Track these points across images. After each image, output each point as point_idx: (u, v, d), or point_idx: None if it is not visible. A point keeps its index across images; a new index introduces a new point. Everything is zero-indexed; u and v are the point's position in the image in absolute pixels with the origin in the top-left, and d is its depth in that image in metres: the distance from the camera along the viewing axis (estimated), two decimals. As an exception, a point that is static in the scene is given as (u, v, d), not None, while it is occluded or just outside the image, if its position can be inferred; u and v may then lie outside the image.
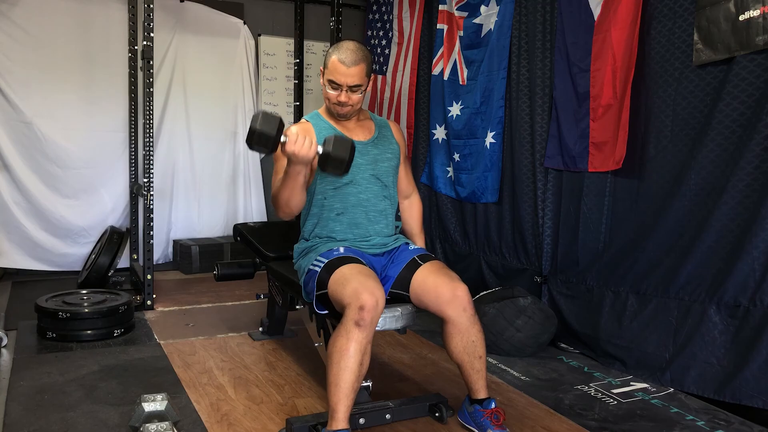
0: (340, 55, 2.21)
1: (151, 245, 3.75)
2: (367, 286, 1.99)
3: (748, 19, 2.35)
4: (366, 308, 1.94)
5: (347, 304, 1.99)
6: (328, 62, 2.25)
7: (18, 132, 4.38)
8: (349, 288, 2.00)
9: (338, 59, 2.21)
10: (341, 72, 2.20)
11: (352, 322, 1.95)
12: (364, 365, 1.98)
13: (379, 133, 2.43)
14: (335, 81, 2.22)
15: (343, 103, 2.26)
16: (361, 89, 2.26)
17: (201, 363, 2.88)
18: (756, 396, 2.37)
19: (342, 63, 2.20)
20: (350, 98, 2.25)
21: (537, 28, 3.45)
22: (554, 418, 2.39)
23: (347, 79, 2.21)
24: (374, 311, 1.96)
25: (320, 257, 2.21)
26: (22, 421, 2.25)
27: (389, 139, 2.45)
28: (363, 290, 1.97)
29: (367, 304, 1.94)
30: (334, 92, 2.25)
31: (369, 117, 2.47)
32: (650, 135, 2.83)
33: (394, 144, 2.46)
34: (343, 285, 2.04)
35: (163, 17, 4.70)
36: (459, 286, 2.15)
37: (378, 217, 2.37)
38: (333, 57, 2.22)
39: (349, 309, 1.97)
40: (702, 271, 2.61)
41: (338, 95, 2.24)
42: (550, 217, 3.39)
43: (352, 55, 2.21)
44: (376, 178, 2.36)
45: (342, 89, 2.23)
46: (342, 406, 1.94)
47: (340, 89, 2.24)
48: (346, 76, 2.21)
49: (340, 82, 2.22)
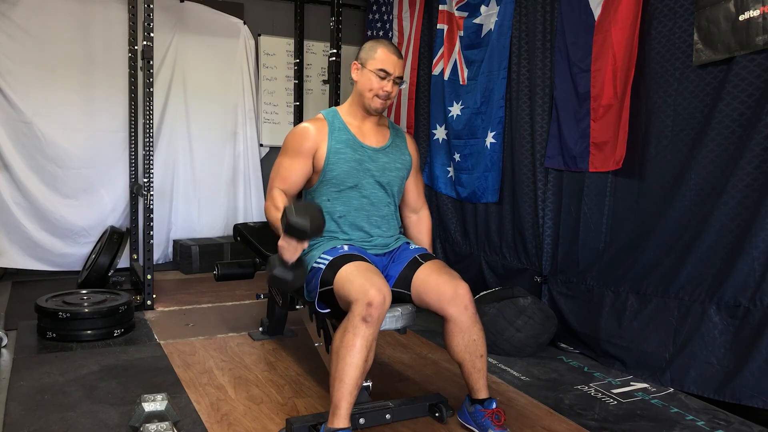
0: (388, 47, 2.32)
1: (151, 245, 3.75)
2: (374, 283, 2.00)
3: (747, 19, 2.35)
4: (374, 304, 1.95)
5: (355, 300, 1.99)
6: (375, 54, 2.30)
7: (18, 132, 4.38)
8: (357, 284, 2.01)
9: (388, 50, 2.31)
10: (392, 62, 2.29)
11: (360, 318, 1.95)
12: (368, 362, 1.98)
13: (393, 142, 2.43)
14: (386, 69, 2.29)
15: (388, 93, 2.31)
16: (401, 83, 2.36)
17: (201, 363, 2.88)
18: (756, 396, 2.37)
19: (393, 53, 2.30)
20: (393, 89, 2.32)
21: (537, 28, 3.46)
22: (554, 418, 2.39)
23: (397, 69, 2.30)
24: (381, 308, 1.97)
25: (324, 255, 2.21)
26: (22, 421, 2.25)
27: (402, 149, 2.45)
28: (371, 286, 1.98)
29: (375, 300, 1.95)
30: (383, 81, 2.29)
31: (387, 125, 2.48)
32: (651, 135, 2.83)
33: (406, 155, 2.46)
34: (350, 282, 2.04)
35: (163, 17, 4.70)
36: (460, 285, 2.15)
37: (380, 221, 2.37)
38: (380, 49, 2.30)
39: (357, 305, 1.97)
40: (702, 271, 2.61)
41: (386, 84, 2.30)
42: (550, 217, 3.39)
43: (397, 49, 2.35)
44: (381, 186, 2.36)
45: (391, 78, 2.29)
46: (345, 402, 1.94)
47: (389, 78, 2.29)
48: (396, 66, 2.30)
49: (390, 71, 2.29)
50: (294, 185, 2.32)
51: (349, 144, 2.31)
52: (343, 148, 2.29)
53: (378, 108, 2.33)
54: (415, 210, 2.60)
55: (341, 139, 2.31)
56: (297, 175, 2.31)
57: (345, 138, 2.31)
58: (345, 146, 2.30)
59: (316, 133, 2.30)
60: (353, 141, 2.32)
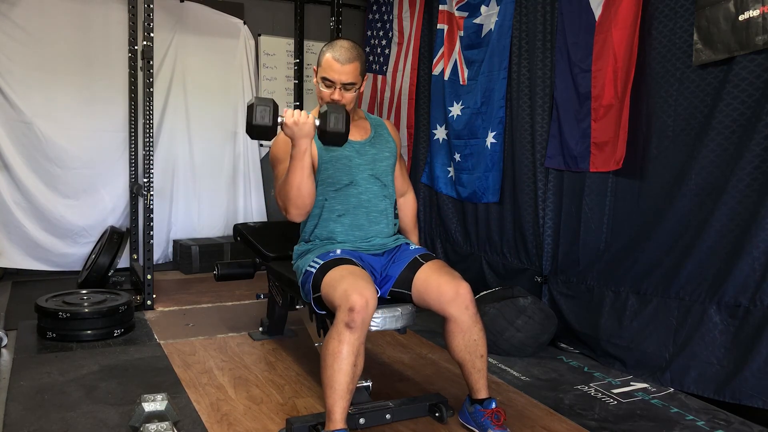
0: (334, 53, 2.21)
1: (151, 245, 3.75)
2: (356, 287, 1.97)
3: (747, 19, 2.35)
4: (356, 309, 1.93)
5: (338, 306, 1.98)
6: (321, 60, 2.24)
7: (18, 132, 4.38)
8: (339, 289, 2.00)
9: (332, 57, 2.20)
10: (335, 69, 2.19)
11: (343, 324, 1.95)
12: (358, 366, 1.97)
13: (376, 132, 2.43)
14: (329, 78, 2.21)
15: (336, 102, 2.23)
16: (354, 88, 2.25)
17: (201, 363, 2.88)
18: (756, 396, 2.37)
19: (336, 60, 2.19)
20: (344, 96, 2.22)
21: (537, 28, 3.46)
22: (554, 418, 2.38)
23: (341, 77, 2.20)
24: (364, 312, 1.95)
25: (317, 258, 2.21)
26: (22, 421, 2.25)
27: (386, 137, 2.45)
28: (352, 291, 1.96)
29: (356, 305, 1.93)
30: (327, 90, 2.23)
31: (364, 117, 2.46)
32: (652, 135, 2.83)
33: (391, 142, 2.46)
34: (333, 287, 2.04)
35: (163, 17, 4.70)
36: (461, 285, 2.15)
37: (379, 217, 2.37)
38: (327, 55, 2.22)
39: (340, 311, 1.97)
40: (702, 271, 2.61)
41: (331, 93, 2.22)
42: (550, 217, 3.40)
43: (346, 53, 2.20)
44: (376, 178, 2.36)
45: (335, 87, 2.21)
46: (338, 407, 1.94)
47: (333, 87, 2.22)
48: (339, 74, 2.19)
49: (333, 80, 2.20)
50: None
51: None
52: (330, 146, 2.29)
53: None
54: (402, 193, 2.61)
55: None
56: None
57: None
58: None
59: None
60: None
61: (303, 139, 2.03)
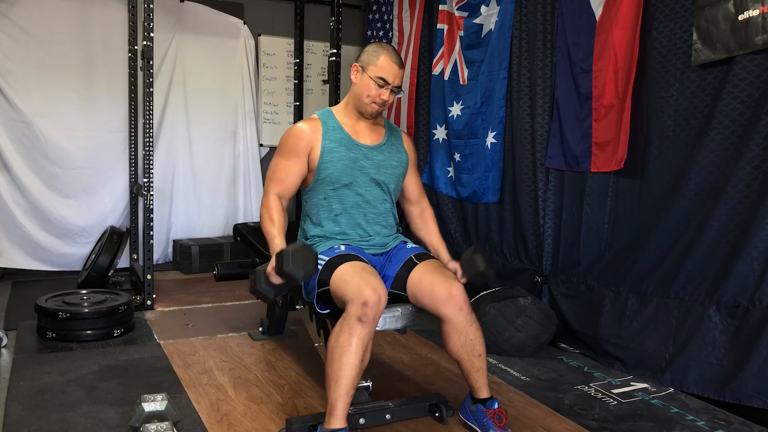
0: (391, 55, 2.29)
1: (151, 245, 3.75)
2: (369, 282, 2.00)
3: (747, 19, 2.35)
4: (369, 304, 1.95)
5: (350, 300, 1.99)
6: (376, 60, 2.28)
7: (18, 132, 4.38)
8: (352, 284, 2.01)
9: (390, 59, 2.28)
10: (393, 71, 2.27)
11: (355, 318, 1.96)
12: (364, 362, 1.98)
13: (388, 140, 2.43)
14: (386, 78, 2.27)
15: (384, 102, 2.31)
16: (399, 91, 2.34)
17: (201, 363, 2.88)
18: (756, 396, 2.37)
19: (394, 63, 2.28)
20: (390, 98, 2.32)
21: (537, 28, 3.46)
22: (554, 418, 2.38)
23: (396, 79, 2.28)
24: (377, 307, 1.97)
25: (322, 255, 2.21)
26: (22, 421, 2.25)
27: (398, 147, 2.45)
28: (366, 286, 1.98)
29: (370, 300, 1.95)
30: (381, 89, 2.28)
31: (382, 123, 2.48)
32: (652, 135, 2.83)
33: (402, 153, 2.45)
34: (345, 281, 2.04)
35: (163, 17, 4.70)
36: (454, 285, 2.15)
37: (377, 218, 2.37)
38: (383, 56, 2.28)
39: (352, 305, 1.97)
40: (702, 271, 2.61)
41: (383, 93, 2.29)
42: (551, 217, 3.40)
43: (400, 59, 2.32)
44: (377, 183, 2.36)
45: (389, 87, 2.28)
46: (341, 403, 1.94)
47: (387, 87, 2.28)
48: (395, 76, 2.28)
49: (390, 80, 2.27)
50: (290, 188, 2.32)
51: (343, 143, 2.31)
52: (337, 147, 2.29)
53: (373, 114, 2.34)
54: (417, 203, 2.60)
55: (335, 138, 2.31)
56: (293, 177, 2.31)
57: (339, 137, 2.31)
58: (339, 145, 2.30)
59: (311, 133, 2.30)
60: (347, 140, 2.32)
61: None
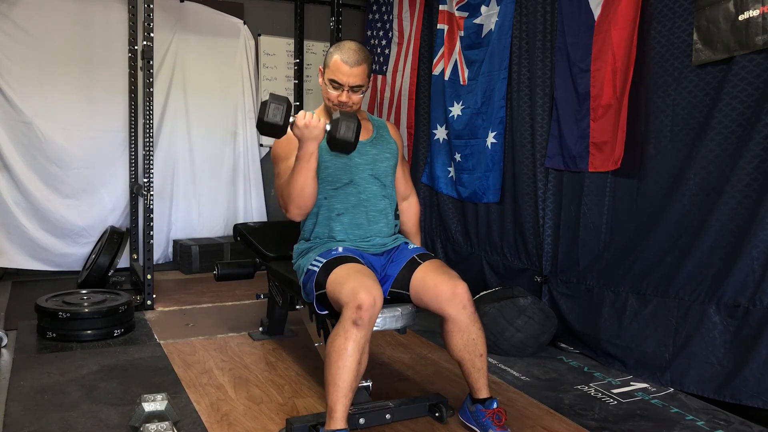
0: (343, 55, 2.21)
1: (151, 245, 3.75)
2: (364, 285, 1.99)
3: (747, 19, 2.35)
4: (364, 307, 1.94)
5: (345, 303, 1.99)
6: (329, 62, 2.25)
7: (18, 132, 4.38)
8: (347, 287, 2.00)
9: (341, 59, 2.21)
10: (344, 72, 2.21)
11: (350, 321, 1.95)
12: (362, 364, 1.98)
13: (377, 133, 2.43)
14: (337, 81, 2.22)
15: (343, 104, 2.25)
16: (362, 90, 2.27)
17: (201, 363, 2.88)
18: (756, 396, 2.37)
19: (345, 63, 2.21)
20: (351, 98, 2.25)
21: (537, 28, 3.46)
22: (554, 418, 2.39)
23: (349, 79, 2.22)
24: (372, 310, 1.96)
25: (319, 257, 2.21)
26: (22, 421, 2.25)
27: (387, 139, 2.45)
28: (360, 289, 1.97)
29: (364, 302, 1.94)
30: (335, 92, 2.24)
31: (367, 118, 2.47)
32: (650, 135, 2.83)
33: (392, 144, 2.46)
34: (340, 284, 2.04)
35: (163, 17, 4.70)
36: (458, 284, 2.15)
37: (378, 216, 2.37)
38: (335, 57, 2.23)
39: (347, 308, 1.97)
40: (702, 271, 2.61)
41: (339, 95, 2.24)
42: (550, 217, 3.40)
43: (355, 56, 2.22)
44: (375, 178, 2.36)
45: (344, 89, 2.23)
46: (340, 405, 1.94)
47: (341, 89, 2.23)
48: (348, 76, 2.21)
49: (342, 82, 2.22)
50: None
51: None
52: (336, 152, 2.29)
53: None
54: (405, 197, 2.60)
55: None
56: None
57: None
58: None
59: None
60: None
61: (311, 142, 2.05)
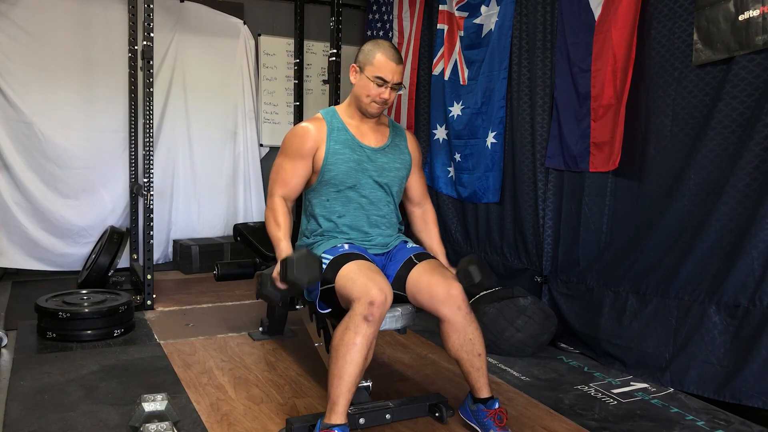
0: (386, 52, 2.26)
1: (151, 245, 3.75)
2: (376, 282, 2.00)
3: (747, 19, 2.35)
4: (376, 303, 1.96)
5: (356, 299, 1.99)
6: (372, 59, 2.26)
7: (18, 132, 4.38)
8: (358, 283, 2.02)
9: (387, 56, 2.25)
10: (390, 69, 2.24)
11: (361, 317, 1.96)
12: (367, 360, 1.99)
13: (392, 141, 2.42)
14: (383, 77, 2.25)
15: (385, 100, 2.28)
16: (400, 87, 2.31)
17: (201, 363, 2.88)
18: (756, 396, 2.37)
19: (390, 60, 2.25)
20: (391, 96, 2.29)
21: (537, 28, 3.46)
22: (554, 418, 2.39)
23: (394, 76, 2.25)
24: (383, 307, 1.98)
25: (325, 254, 2.22)
26: (22, 421, 2.25)
27: (401, 148, 2.44)
28: (372, 285, 1.99)
29: (376, 299, 1.96)
30: (380, 88, 2.26)
31: (386, 123, 2.47)
32: (650, 135, 2.83)
33: (405, 154, 2.45)
34: (352, 280, 2.05)
35: (163, 17, 4.70)
36: (453, 285, 2.15)
37: (380, 220, 2.37)
38: (378, 54, 2.25)
39: (358, 304, 1.98)
40: (702, 271, 2.61)
41: (383, 92, 2.27)
42: (550, 217, 3.40)
43: (397, 54, 2.28)
44: (380, 186, 2.35)
45: (388, 86, 2.26)
46: (343, 399, 1.95)
47: (386, 85, 2.26)
48: (393, 73, 2.25)
49: (388, 79, 2.25)
50: (295, 189, 2.33)
51: (348, 144, 2.31)
52: (341, 148, 2.29)
53: (375, 113, 2.33)
54: (420, 205, 2.59)
55: (340, 139, 2.30)
56: (298, 178, 2.31)
57: (344, 138, 2.31)
58: (344, 147, 2.30)
59: (316, 133, 2.29)
60: (352, 141, 2.32)
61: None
